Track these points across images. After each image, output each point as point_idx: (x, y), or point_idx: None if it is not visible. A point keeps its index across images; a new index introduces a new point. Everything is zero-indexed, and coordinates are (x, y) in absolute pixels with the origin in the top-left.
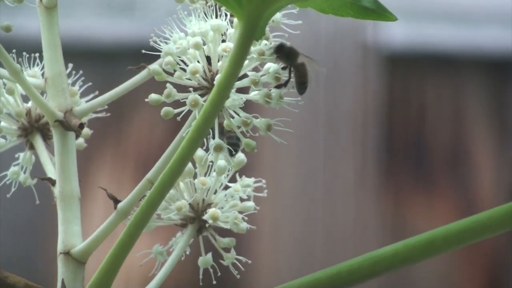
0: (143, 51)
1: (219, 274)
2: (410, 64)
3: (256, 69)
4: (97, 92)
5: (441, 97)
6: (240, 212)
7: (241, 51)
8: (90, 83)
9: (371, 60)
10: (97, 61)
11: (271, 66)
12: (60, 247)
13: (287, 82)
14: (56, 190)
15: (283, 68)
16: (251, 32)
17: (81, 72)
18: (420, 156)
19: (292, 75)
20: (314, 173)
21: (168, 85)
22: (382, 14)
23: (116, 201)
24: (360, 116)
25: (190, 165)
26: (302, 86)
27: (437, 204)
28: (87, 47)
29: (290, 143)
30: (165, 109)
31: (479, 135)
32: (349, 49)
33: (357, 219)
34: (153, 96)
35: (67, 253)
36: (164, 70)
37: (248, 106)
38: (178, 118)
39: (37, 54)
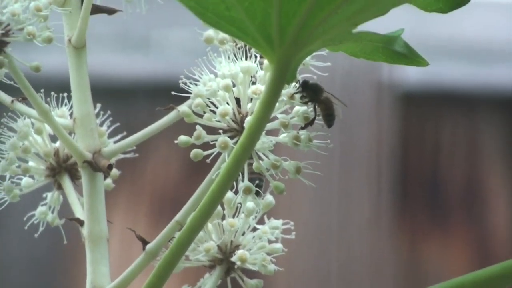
0: (173, 92)
1: None
2: (425, 102)
3: (285, 111)
4: (125, 133)
5: (456, 135)
6: (268, 254)
7: (272, 95)
8: (118, 124)
9: (386, 98)
10: (112, 97)
11: (301, 108)
12: (88, 287)
13: (313, 120)
14: (85, 230)
15: (307, 102)
16: (283, 75)
17: (109, 112)
18: (435, 194)
19: (318, 110)
20: (328, 211)
21: (198, 127)
22: (414, 59)
23: (145, 242)
24: (375, 154)
25: (218, 206)
26: (329, 118)
27: (453, 242)
28: (103, 83)
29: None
30: (194, 151)
31: (495, 173)
32: (364, 87)
33: (372, 257)
34: (182, 138)
35: None
36: (193, 112)
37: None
38: (208, 161)
39: (65, 94)
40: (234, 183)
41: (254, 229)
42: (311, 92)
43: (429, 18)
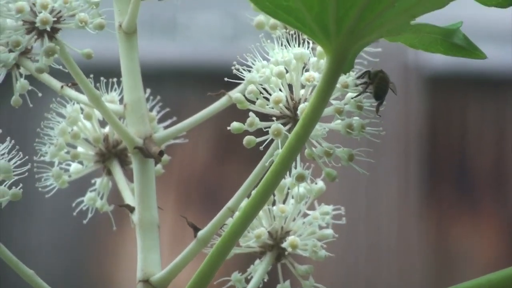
0: (226, 79)
1: None
2: (452, 85)
3: (338, 98)
4: (175, 118)
5: (484, 117)
6: (319, 240)
7: (328, 84)
8: (168, 109)
9: (413, 81)
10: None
11: (354, 95)
12: (139, 274)
13: (363, 91)
14: (135, 217)
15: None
16: (339, 65)
17: (158, 97)
18: (463, 176)
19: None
20: (357, 196)
21: (250, 113)
22: (473, 51)
23: (196, 229)
24: (403, 136)
25: None
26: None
27: (481, 224)
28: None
29: (332, 165)
30: (247, 138)
31: None
32: (390, 71)
33: (400, 239)
34: (235, 125)
35: (146, 281)
36: (246, 98)
37: None
38: (261, 148)
39: (114, 79)
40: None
41: (305, 215)
42: (374, 78)
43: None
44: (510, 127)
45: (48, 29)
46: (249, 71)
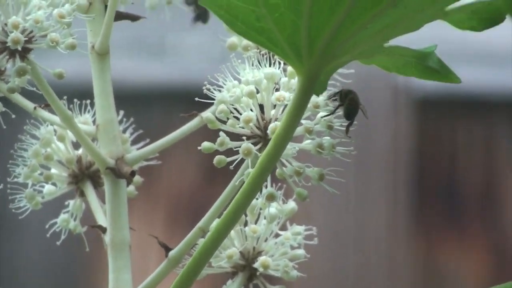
0: (197, 98)
1: None
2: (441, 107)
3: (308, 117)
4: (148, 140)
5: (473, 139)
6: (290, 260)
7: (300, 105)
8: (141, 131)
9: (402, 102)
10: (127, 103)
11: (323, 114)
12: None
13: (333, 112)
14: (107, 237)
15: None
16: (311, 86)
17: (132, 119)
18: (452, 198)
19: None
20: (345, 216)
21: (221, 133)
22: (447, 75)
23: (168, 249)
24: (392, 158)
25: None
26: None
27: (470, 246)
28: (117, 89)
29: (321, 185)
30: (218, 157)
31: (511, 176)
32: (380, 91)
33: (389, 262)
34: (206, 144)
35: None
36: (217, 118)
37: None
38: (231, 167)
39: (88, 101)
40: None
41: (277, 235)
42: (344, 99)
43: (444, 22)
44: (499, 150)
45: (20, 49)
46: (220, 91)
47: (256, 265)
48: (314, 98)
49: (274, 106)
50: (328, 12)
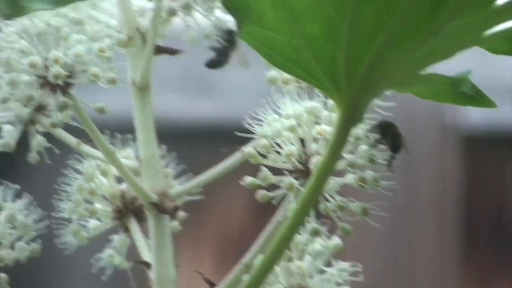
0: (236, 132)
1: None
2: (488, 144)
3: (351, 152)
4: (191, 175)
5: None
6: None
7: (340, 138)
8: (184, 165)
9: (449, 140)
10: (172, 138)
11: (366, 148)
12: None
13: (375, 145)
14: (152, 274)
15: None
16: (350, 118)
17: (174, 154)
18: (501, 236)
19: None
20: (393, 256)
21: (263, 168)
22: (482, 101)
23: (213, 286)
24: (439, 195)
25: None
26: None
27: None
28: (165, 126)
29: (369, 224)
30: (261, 193)
31: None
32: (427, 128)
33: None
34: (249, 179)
35: None
36: (258, 153)
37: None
38: (274, 202)
39: (130, 135)
40: None
41: (322, 272)
42: (386, 132)
43: (492, 58)
44: None
45: (61, 83)
46: (261, 125)
47: None
48: (355, 131)
49: (316, 140)
50: (366, 42)
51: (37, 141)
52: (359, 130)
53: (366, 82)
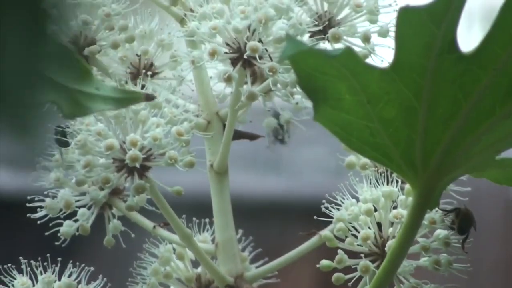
0: (315, 217)
1: None
2: None
3: (425, 235)
4: (266, 258)
5: None
6: None
7: (415, 220)
8: (260, 249)
9: None
10: (244, 217)
11: (441, 232)
12: None
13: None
14: None
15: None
16: (425, 201)
17: (251, 237)
18: None
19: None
20: None
21: (339, 251)
22: None
23: None
24: (505, 274)
25: None
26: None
27: None
28: (234, 203)
29: None
30: (336, 275)
31: None
32: (492, 206)
33: None
34: (324, 263)
35: None
36: (335, 236)
37: None
38: (349, 284)
39: (207, 220)
40: None
41: None
42: (462, 220)
43: None
44: None
45: (138, 166)
46: (338, 209)
47: None
48: (430, 214)
49: (392, 224)
50: (443, 126)
51: (113, 225)
52: (434, 214)
53: (441, 166)
